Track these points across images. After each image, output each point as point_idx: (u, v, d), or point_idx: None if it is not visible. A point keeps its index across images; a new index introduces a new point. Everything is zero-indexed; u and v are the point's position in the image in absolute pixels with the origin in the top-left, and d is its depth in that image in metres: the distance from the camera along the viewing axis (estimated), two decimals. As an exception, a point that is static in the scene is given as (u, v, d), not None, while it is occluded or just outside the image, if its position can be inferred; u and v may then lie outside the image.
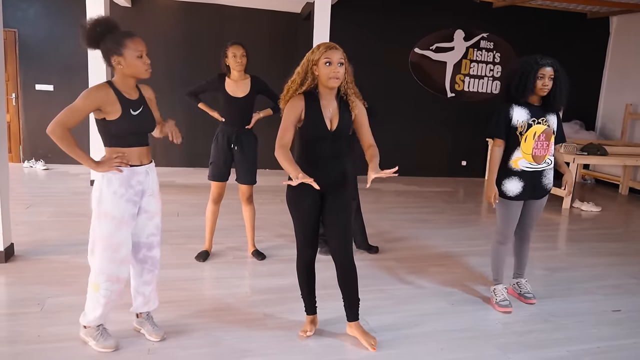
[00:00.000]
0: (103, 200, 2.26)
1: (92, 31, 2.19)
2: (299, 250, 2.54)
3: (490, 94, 8.05)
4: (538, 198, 3.04)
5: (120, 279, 2.35)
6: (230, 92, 3.52)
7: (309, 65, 2.32)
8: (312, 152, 2.41)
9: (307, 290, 2.60)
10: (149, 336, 2.51)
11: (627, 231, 5.34)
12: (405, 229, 4.82)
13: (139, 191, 2.35)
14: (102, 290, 2.32)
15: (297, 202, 2.46)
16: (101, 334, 2.38)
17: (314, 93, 2.39)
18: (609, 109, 8.30)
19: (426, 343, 2.64)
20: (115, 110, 2.21)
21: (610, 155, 6.55)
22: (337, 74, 2.27)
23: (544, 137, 2.90)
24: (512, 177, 2.96)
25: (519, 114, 2.91)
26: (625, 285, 3.63)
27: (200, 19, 7.20)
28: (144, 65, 2.24)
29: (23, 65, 6.84)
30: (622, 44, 8.02)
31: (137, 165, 2.33)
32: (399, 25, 7.46)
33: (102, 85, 2.24)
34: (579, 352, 2.63)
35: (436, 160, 8.06)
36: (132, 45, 2.20)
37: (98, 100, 2.18)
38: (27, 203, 4.99)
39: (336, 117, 2.39)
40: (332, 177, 2.42)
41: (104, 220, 2.27)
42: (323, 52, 2.27)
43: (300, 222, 2.48)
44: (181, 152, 7.49)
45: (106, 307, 2.36)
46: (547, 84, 2.81)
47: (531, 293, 3.22)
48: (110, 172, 2.24)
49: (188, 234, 4.21)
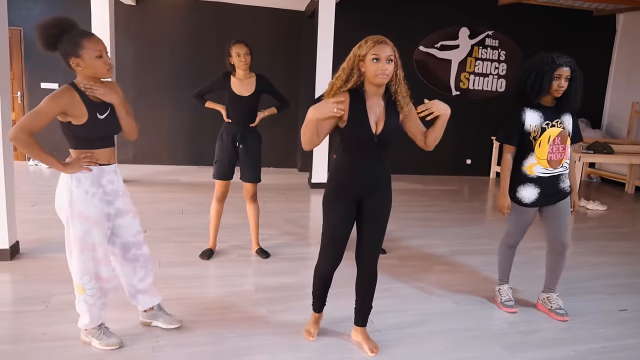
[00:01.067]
0: (74, 200, 2.20)
1: (46, 33, 2.09)
2: (321, 255, 2.41)
3: (495, 92, 8.01)
4: (554, 203, 2.86)
5: (103, 277, 2.33)
6: (235, 91, 3.52)
7: (355, 60, 2.14)
8: (353, 156, 2.25)
9: (319, 293, 2.55)
10: (168, 325, 2.56)
11: (633, 230, 5.31)
12: (410, 228, 4.81)
13: (112, 190, 2.32)
14: (88, 291, 2.31)
15: (330, 205, 2.31)
16: (103, 333, 2.39)
17: (359, 92, 2.20)
18: (615, 107, 8.24)
19: (431, 342, 2.63)
20: (81, 115, 2.14)
21: (617, 154, 6.50)
22: (385, 71, 2.09)
23: (559, 141, 2.75)
24: (527, 183, 2.82)
25: (531, 118, 2.76)
26: (631, 285, 3.60)
27: (204, 17, 7.20)
28: (104, 65, 2.15)
29: (28, 64, 6.86)
30: (629, 41, 7.96)
31: (106, 165, 2.29)
32: (403, 23, 7.43)
33: (67, 89, 2.15)
34: (585, 351, 2.61)
35: (441, 159, 8.02)
36: (90, 45, 2.11)
37: (63, 104, 2.10)
38: (33, 201, 5.01)
39: (382, 120, 2.20)
40: (371, 184, 2.29)
41: (77, 221, 2.22)
42: (371, 47, 2.09)
43: (328, 227, 2.34)
44: (185, 150, 7.51)
45: (96, 307, 2.35)
46: (562, 85, 2.66)
47: (563, 309, 2.98)
48: (80, 172, 2.20)
49: (192, 232, 4.22)
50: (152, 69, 7.10)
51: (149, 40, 7.03)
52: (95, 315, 2.36)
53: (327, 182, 2.37)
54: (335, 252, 2.37)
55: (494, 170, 7.99)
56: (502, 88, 8.01)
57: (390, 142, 2.26)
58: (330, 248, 2.36)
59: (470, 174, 8.15)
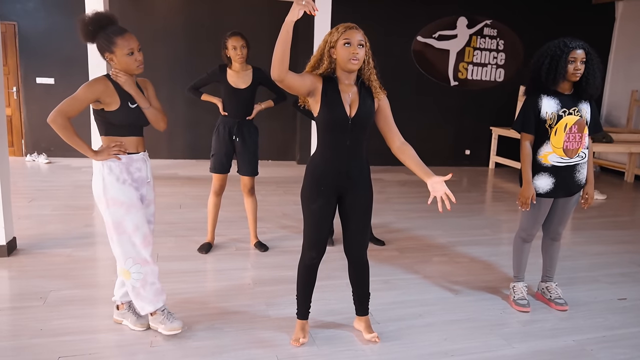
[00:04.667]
0: (107, 187, 2.30)
1: (85, 29, 2.24)
2: (304, 250, 2.37)
3: (494, 82, 7.97)
4: (570, 195, 2.81)
5: (147, 260, 2.38)
6: (232, 84, 3.49)
7: (326, 47, 2.16)
8: (330, 143, 2.23)
9: (304, 294, 2.45)
10: (134, 326, 2.52)
11: (633, 219, 5.30)
12: (409, 219, 4.80)
13: (139, 178, 2.41)
14: (134, 274, 2.36)
15: (309, 199, 2.28)
16: (167, 317, 2.44)
17: (332, 78, 2.21)
18: (614, 95, 8.21)
19: (430, 333, 2.62)
20: (114, 102, 2.28)
21: (616, 143, 6.49)
22: (356, 55, 2.10)
23: (576, 129, 2.67)
24: (542, 173, 2.74)
25: (548, 105, 2.68)
26: (631, 274, 3.60)
27: (199, 8, 7.14)
28: (135, 62, 2.28)
29: (23, 59, 6.81)
30: (628, 30, 7.92)
31: (134, 153, 2.39)
32: (401, 14, 7.38)
33: (101, 78, 2.30)
34: (584, 341, 2.61)
35: (440, 150, 8.01)
36: (122, 42, 2.24)
37: (98, 91, 2.25)
38: (30, 197, 4.99)
39: (356, 103, 2.20)
40: (352, 174, 2.26)
41: (112, 208, 2.31)
42: (342, 33, 2.12)
43: (310, 221, 2.30)
44: (183, 143, 7.48)
45: (148, 290, 2.40)
46: (579, 67, 2.58)
47: (562, 299, 2.97)
48: (110, 160, 2.29)
49: (190, 226, 4.20)
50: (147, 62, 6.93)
51: (145, 33, 6.92)
52: (147, 298, 2.40)
53: (305, 175, 2.31)
54: (316, 245, 2.32)
55: (492, 161, 7.97)
56: (500, 78, 7.97)
57: (366, 126, 2.24)
58: (310, 242, 2.31)
59: (470, 164, 8.13)
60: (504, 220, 4.99)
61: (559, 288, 3.05)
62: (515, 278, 3.06)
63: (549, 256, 3.04)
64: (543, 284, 3.08)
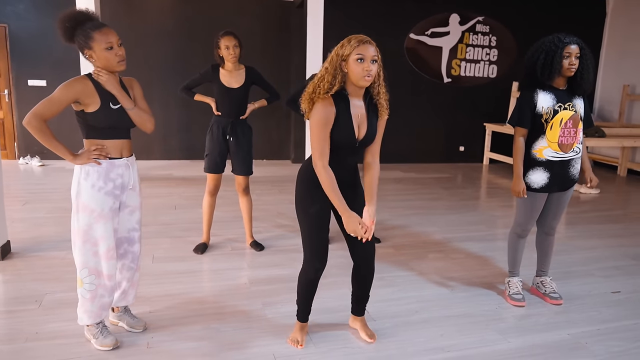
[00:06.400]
0: (81, 192, 2.22)
1: (63, 27, 2.14)
2: (306, 262, 2.28)
3: (487, 78, 8.00)
4: (564, 190, 2.84)
5: (103, 273, 2.29)
6: (225, 83, 3.48)
7: (338, 60, 2.05)
8: (332, 160, 2.14)
9: (305, 300, 2.41)
10: (130, 329, 2.50)
11: (626, 213, 5.34)
12: (404, 216, 4.81)
13: (120, 185, 2.29)
14: (86, 285, 2.28)
15: (305, 206, 2.23)
16: (100, 332, 2.35)
17: (343, 94, 2.12)
18: (606, 90, 8.26)
19: (426, 329, 2.63)
20: (93, 102, 2.17)
21: (608, 137, 6.53)
22: (370, 72, 2.01)
23: (571, 124, 2.69)
24: (536, 167, 2.76)
25: (544, 100, 2.69)
26: (624, 267, 3.63)
27: (191, 9, 7.11)
28: (115, 57, 2.15)
29: (15, 61, 6.77)
30: (619, 24, 7.96)
31: (117, 158, 2.27)
32: (393, 11, 7.39)
33: (81, 78, 2.20)
34: (579, 334, 2.63)
35: (434, 146, 8.04)
36: (100, 37, 2.12)
37: (76, 91, 2.14)
38: (24, 200, 4.97)
39: (364, 124, 2.15)
40: (350, 183, 2.26)
41: (82, 213, 2.23)
42: (355, 47, 2.00)
43: (310, 228, 2.23)
44: (177, 144, 7.46)
45: (94, 303, 2.30)
46: (573, 62, 2.60)
47: (557, 293, 3.00)
48: (89, 164, 2.20)
49: (186, 227, 4.20)
50: (139, 62, 6.98)
51: (136, 33, 6.92)
52: (90, 311, 2.31)
53: (298, 183, 2.27)
54: (317, 254, 2.24)
55: (487, 157, 8.00)
56: (493, 74, 8.00)
57: (370, 144, 2.25)
58: (316, 240, 2.23)
59: (464, 160, 8.17)
60: (498, 216, 5.01)
61: (553, 282, 3.07)
62: (510, 273, 3.08)
63: (544, 251, 3.07)
64: (538, 278, 3.11)
